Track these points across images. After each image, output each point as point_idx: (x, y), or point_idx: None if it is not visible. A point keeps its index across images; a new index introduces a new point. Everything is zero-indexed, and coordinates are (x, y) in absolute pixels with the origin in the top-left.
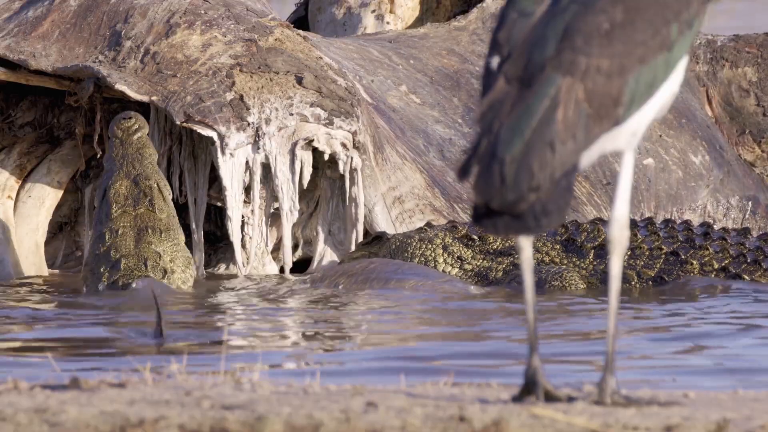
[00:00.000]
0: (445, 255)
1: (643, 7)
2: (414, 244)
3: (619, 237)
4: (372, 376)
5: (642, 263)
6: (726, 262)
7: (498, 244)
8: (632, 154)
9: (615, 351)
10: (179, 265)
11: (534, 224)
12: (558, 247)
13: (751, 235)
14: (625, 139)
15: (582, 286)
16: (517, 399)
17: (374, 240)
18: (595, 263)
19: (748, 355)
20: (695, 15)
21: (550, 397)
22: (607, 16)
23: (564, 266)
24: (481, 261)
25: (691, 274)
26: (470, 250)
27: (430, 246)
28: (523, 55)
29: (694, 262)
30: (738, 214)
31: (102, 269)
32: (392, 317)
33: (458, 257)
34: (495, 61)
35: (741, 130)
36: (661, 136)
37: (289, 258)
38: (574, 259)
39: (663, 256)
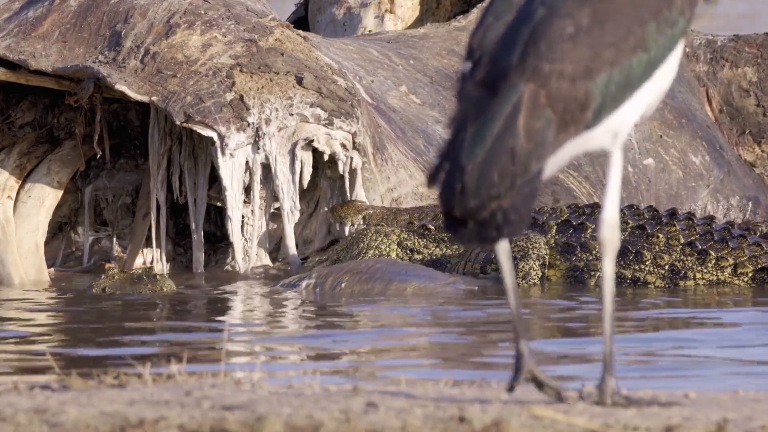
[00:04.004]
0: (399, 249)
1: (613, 9)
2: (369, 235)
3: (610, 238)
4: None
5: None
6: (693, 238)
7: None
8: (620, 153)
9: (613, 352)
10: None
11: (496, 234)
12: None
13: (717, 222)
14: (606, 140)
15: (545, 251)
16: (510, 389)
17: (330, 245)
18: (556, 237)
19: None
20: (680, 13)
21: (538, 383)
22: (572, 20)
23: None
24: (433, 249)
25: (657, 248)
26: (424, 240)
27: (386, 240)
28: (491, 61)
29: (660, 235)
30: (738, 214)
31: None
32: (390, 319)
33: (410, 249)
34: (468, 67)
35: (741, 130)
36: (661, 136)
37: (293, 256)
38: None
39: (629, 229)
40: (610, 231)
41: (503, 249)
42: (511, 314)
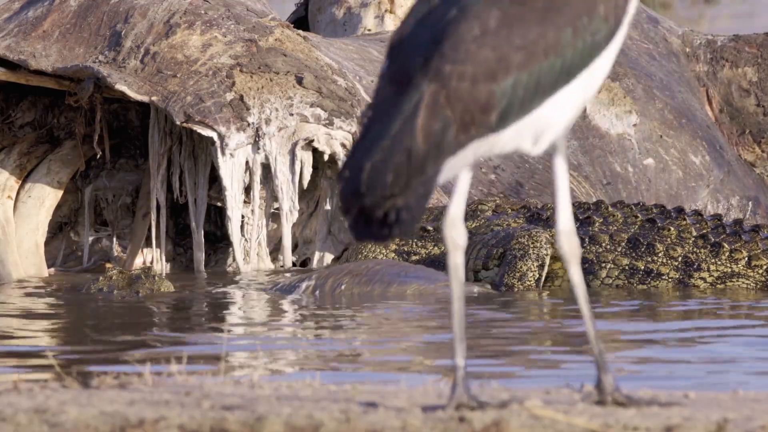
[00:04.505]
0: (395, 256)
1: (524, 13)
2: (368, 247)
3: (569, 247)
4: (371, 377)
5: (615, 228)
6: (705, 231)
7: None
8: (562, 160)
9: (603, 351)
10: None
11: (388, 232)
12: (521, 220)
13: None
14: (522, 144)
15: (547, 250)
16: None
17: (344, 251)
18: None
19: None
20: (603, 20)
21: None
22: (479, 22)
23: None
24: (432, 249)
25: (668, 240)
26: (422, 241)
27: (384, 250)
28: (401, 60)
29: (672, 228)
30: (738, 214)
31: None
32: (389, 320)
33: (407, 253)
34: (385, 66)
35: (741, 130)
36: (661, 136)
37: (288, 258)
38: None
39: (638, 222)
40: (568, 240)
41: (453, 263)
42: (452, 327)
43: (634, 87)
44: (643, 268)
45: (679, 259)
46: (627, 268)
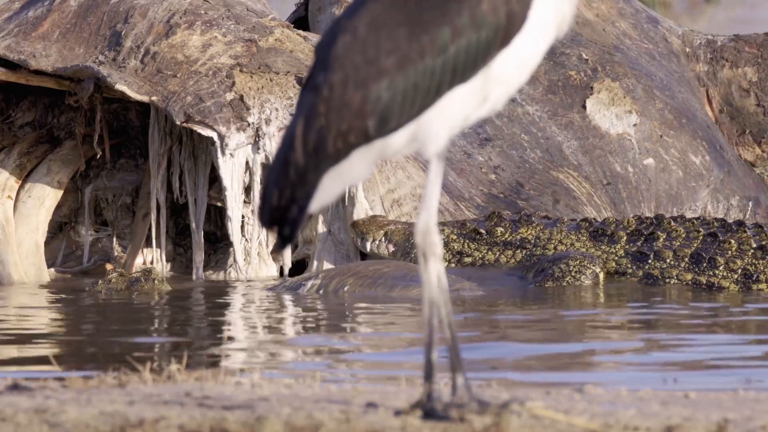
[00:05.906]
0: (443, 251)
1: (394, 16)
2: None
3: (422, 244)
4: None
5: (678, 243)
6: (764, 242)
7: (507, 235)
8: (436, 162)
9: (456, 349)
10: None
11: (281, 244)
12: (585, 237)
13: None
14: (417, 147)
15: (588, 277)
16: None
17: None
18: (627, 246)
19: None
20: (489, 16)
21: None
22: (351, 30)
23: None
24: (485, 252)
25: (729, 253)
26: (475, 243)
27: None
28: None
29: (732, 241)
30: (738, 214)
31: None
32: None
33: (457, 252)
34: None
35: (741, 130)
36: (661, 136)
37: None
38: (603, 247)
39: (701, 237)
40: (421, 238)
41: (435, 272)
42: (445, 335)
43: (634, 87)
44: (705, 282)
45: (739, 271)
46: (690, 282)
